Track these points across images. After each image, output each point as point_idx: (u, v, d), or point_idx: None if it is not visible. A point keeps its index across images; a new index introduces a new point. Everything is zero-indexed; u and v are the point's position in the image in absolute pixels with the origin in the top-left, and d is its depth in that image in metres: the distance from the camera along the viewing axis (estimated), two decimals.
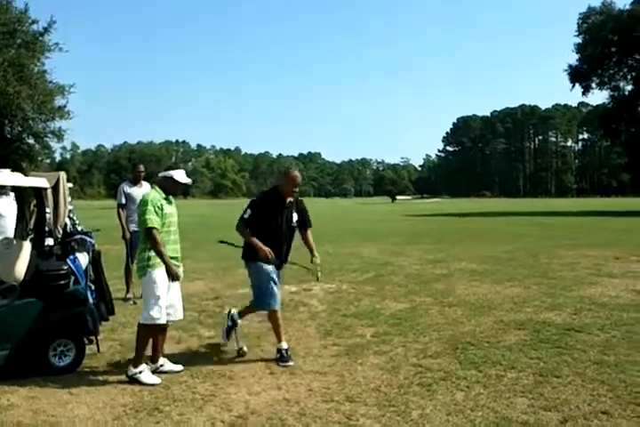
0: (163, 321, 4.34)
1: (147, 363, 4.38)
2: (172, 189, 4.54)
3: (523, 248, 13.13)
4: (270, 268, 4.80)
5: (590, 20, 39.57)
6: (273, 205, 4.85)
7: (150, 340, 4.43)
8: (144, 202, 4.38)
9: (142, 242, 4.42)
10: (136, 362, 4.30)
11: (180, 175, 4.54)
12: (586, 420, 3.41)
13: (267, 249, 4.69)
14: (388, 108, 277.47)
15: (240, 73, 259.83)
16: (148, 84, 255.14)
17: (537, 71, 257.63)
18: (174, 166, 4.74)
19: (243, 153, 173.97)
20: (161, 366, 4.48)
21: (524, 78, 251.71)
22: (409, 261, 11.13)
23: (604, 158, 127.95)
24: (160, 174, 4.58)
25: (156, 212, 4.32)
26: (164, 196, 4.46)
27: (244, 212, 4.86)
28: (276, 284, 4.82)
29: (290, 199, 4.90)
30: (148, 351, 4.46)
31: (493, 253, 12.31)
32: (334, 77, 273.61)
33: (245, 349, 4.87)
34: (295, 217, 4.94)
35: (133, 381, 4.20)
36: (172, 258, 4.38)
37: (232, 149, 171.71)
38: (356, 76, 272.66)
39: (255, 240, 4.75)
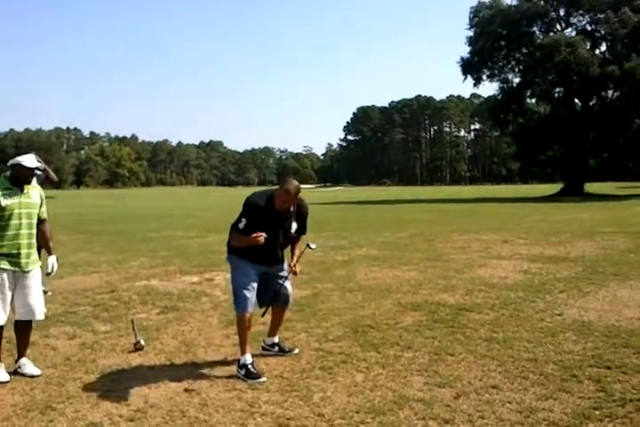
0: (1, 322, 4.07)
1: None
2: (22, 177, 4.14)
3: (419, 234, 13.63)
4: (252, 270, 4.23)
5: (481, 13, 41.21)
6: (269, 214, 4.14)
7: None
8: None
9: None
10: None
11: (29, 161, 4.13)
12: (477, 394, 3.60)
13: (259, 239, 4.04)
14: (290, 96, 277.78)
15: (135, 56, 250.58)
16: (36, 65, 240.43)
17: (433, 63, 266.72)
18: (26, 152, 4.42)
19: (140, 141, 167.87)
20: (18, 367, 4.20)
21: (420, 70, 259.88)
22: None
23: (495, 148, 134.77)
24: (9, 162, 4.18)
25: None
26: (6, 186, 4.10)
27: (239, 220, 4.17)
28: (253, 283, 4.22)
29: (291, 208, 4.24)
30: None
31: (392, 239, 12.70)
32: (236, 65, 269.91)
33: (143, 342, 4.72)
34: (294, 227, 4.31)
35: None
36: (6, 255, 4.05)
37: (128, 136, 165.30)
38: (258, 65, 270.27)
39: (249, 239, 4.07)
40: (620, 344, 4.53)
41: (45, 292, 6.95)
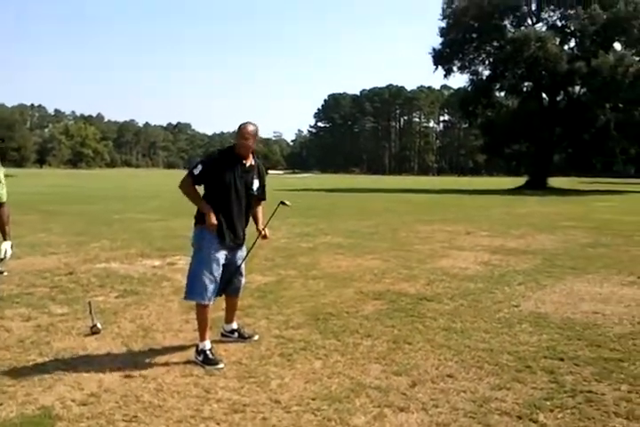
0: None
1: None
2: None
3: (385, 223, 13.71)
4: (220, 253, 4.09)
5: (454, 4, 41.34)
6: (229, 164, 4.07)
7: None
8: None
9: None
10: None
11: None
12: (433, 383, 3.64)
13: (215, 222, 4.02)
14: (261, 81, 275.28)
15: (104, 34, 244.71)
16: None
17: (406, 52, 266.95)
18: None
19: (106, 120, 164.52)
20: None
21: (392, 59, 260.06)
22: (277, 235, 11.19)
23: (463, 140, 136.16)
24: None
25: None
26: None
27: (194, 167, 4.07)
28: (216, 274, 4.08)
29: (250, 162, 4.17)
30: None
31: (357, 227, 12.75)
32: (206, 49, 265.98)
33: (100, 326, 4.64)
34: (256, 184, 4.23)
35: None
36: None
37: (94, 115, 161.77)
38: (229, 48, 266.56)
39: (204, 203, 4.07)
40: (574, 337, 4.63)
41: (1, 272, 6.81)
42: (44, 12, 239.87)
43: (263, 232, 4.37)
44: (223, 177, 4.05)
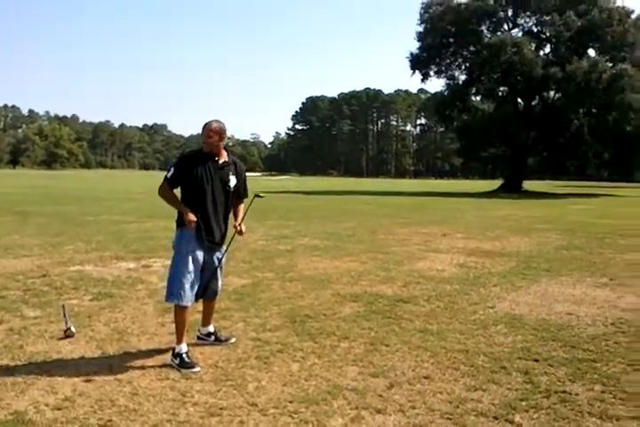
0: None
1: None
2: None
3: (362, 225, 13.75)
4: (199, 254, 4.08)
5: (431, 9, 41.66)
6: (201, 163, 4.06)
7: None
8: None
9: None
10: None
11: None
12: (410, 384, 3.66)
13: (193, 219, 4.00)
14: (238, 82, 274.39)
15: (74, 32, 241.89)
16: None
17: (383, 56, 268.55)
18: None
19: (80, 121, 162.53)
20: None
21: (370, 62, 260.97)
22: (254, 237, 11.17)
23: (439, 143, 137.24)
24: None
25: None
26: None
27: (168, 171, 4.10)
28: (195, 275, 4.07)
29: (224, 159, 4.16)
30: None
31: (335, 229, 12.76)
32: (182, 50, 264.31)
33: (74, 329, 4.57)
34: (233, 180, 4.19)
35: None
36: None
37: (68, 116, 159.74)
38: (200, 46, 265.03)
39: (182, 205, 4.06)
40: (548, 338, 4.69)
41: None
42: (18, 10, 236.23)
43: (239, 227, 4.32)
44: (196, 175, 4.04)
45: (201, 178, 4.06)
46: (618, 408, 3.32)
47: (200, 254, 4.11)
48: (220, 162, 4.18)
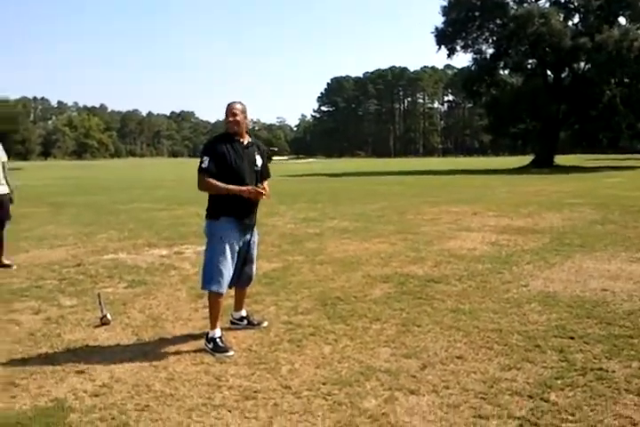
0: None
1: None
2: None
3: (391, 206, 13.67)
4: (234, 241, 4.10)
5: None
6: (228, 145, 4.09)
7: None
8: None
9: None
10: None
11: None
12: (443, 365, 3.65)
13: (248, 188, 4.02)
14: (262, 67, 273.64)
15: (103, 24, 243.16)
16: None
17: (408, 33, 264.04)
18: None
19: (109, 111, 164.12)
20: None
21: (395, 40, 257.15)
22: (283, 220, 11.22)
23: (467, 120, 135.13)
24: None
25: None
26: None
27: (201, 162, 4.05)
28: (230, 260, 4.09)
29: (247, 139, 4.20)
30: None
31: (364, 211, 12.71)
32: (207, 36, 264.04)
33: (109, 317, 4.66)
34: (259, 160, 4.23)
35: None
36: None
37: (97, 106, 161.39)
38: (226, 31, 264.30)
39: (230, 186, 4.01)
40: (583, 315, 4.62)
41: (10, 266, 6.89)
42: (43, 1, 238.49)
43: (262, 186, 4.16)
44: (227, 158, 4.05)
45: (231, 159, 4.06)
46: None
47: (235, 241, 4.14)
48: (245, 142, 4.19)
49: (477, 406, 3.07)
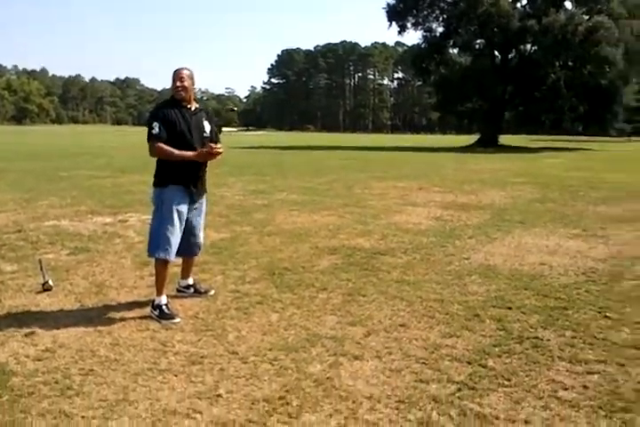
0: None
1: None
2: None
3: (339, 180, 13.74)
4: (183, 208, 4.06)
5: None
6: (176, 110, 4.02)
7: None
8: None
9: None
10: None
11: None
12: (386, 332, 3.75)
13: (202, 150, 3.99)
14: (212, 36, 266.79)
15: None
16: None
17: (360, 7, 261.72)
18: None
19: (50, 75, 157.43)
20: None
21: (348, 13, 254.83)
22: (231, 192, 11.13)
23: (417, 97, 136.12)
24: None
25: None
26: None
27: (150, 127, 3.96)
28: (178, 228, 4.05)
29: (195, 105, 4.12)
30: None
31: (312, 184, 12.74)
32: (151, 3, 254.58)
33: (51, 283, 4.56)
34: (207, 126, 4.17)
35: None
36: None
37: (37, 70, 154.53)
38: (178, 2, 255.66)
39: (184, 152, 3.96)
40: (521, 287, 4.81)
41: None
42: None
43: (215, 145, 4.07)
44: (175, 124, 4.00)
45: (180, 126, 4.01)
46: (587, 353, 3.45)
47: (184, 208, 4.10)
48: (193, 108, 4.13)
49: (418, 370, 3.18)
